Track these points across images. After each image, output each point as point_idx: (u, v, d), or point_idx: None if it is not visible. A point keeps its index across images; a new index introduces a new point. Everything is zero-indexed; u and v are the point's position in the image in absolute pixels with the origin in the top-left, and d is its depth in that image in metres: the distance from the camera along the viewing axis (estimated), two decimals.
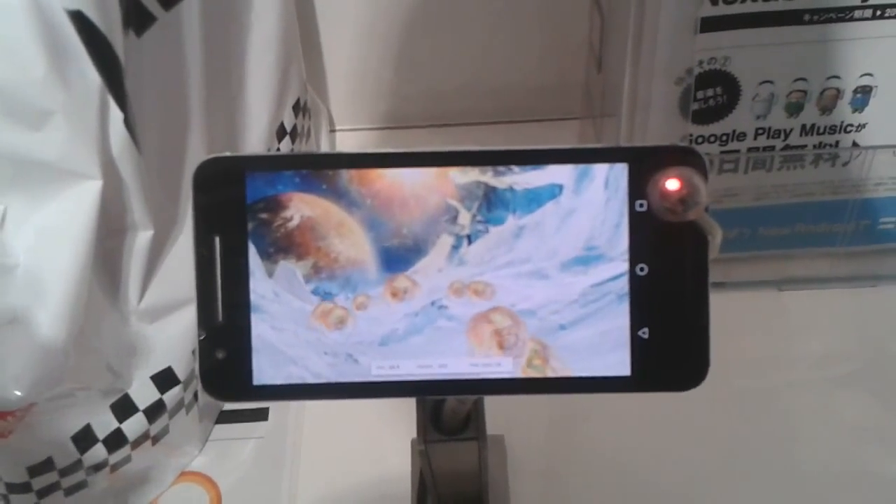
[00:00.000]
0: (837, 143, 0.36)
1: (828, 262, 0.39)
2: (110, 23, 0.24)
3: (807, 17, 0.33)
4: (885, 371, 0.37)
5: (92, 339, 0.26)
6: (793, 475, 0.34)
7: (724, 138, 0.36)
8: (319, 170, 0.20)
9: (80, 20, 0.23)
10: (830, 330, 0.38)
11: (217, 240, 0.20)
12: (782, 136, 0.36)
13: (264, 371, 0.21)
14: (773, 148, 0.37)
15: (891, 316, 0.39)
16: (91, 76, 0.24)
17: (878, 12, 0.33)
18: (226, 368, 0.21)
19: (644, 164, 0.20)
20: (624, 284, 0.21)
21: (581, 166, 0.20)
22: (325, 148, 0.46)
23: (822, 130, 0.36)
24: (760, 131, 0.36)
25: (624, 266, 0.20)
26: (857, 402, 0.36)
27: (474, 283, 0.21)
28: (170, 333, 0.29)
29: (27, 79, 0.22)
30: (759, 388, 0.36)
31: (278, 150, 0.38)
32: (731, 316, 0.38)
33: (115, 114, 0.24)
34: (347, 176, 0.20)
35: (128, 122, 0.25)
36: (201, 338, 0.20)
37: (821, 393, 0.36)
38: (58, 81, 0.23)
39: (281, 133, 0.38)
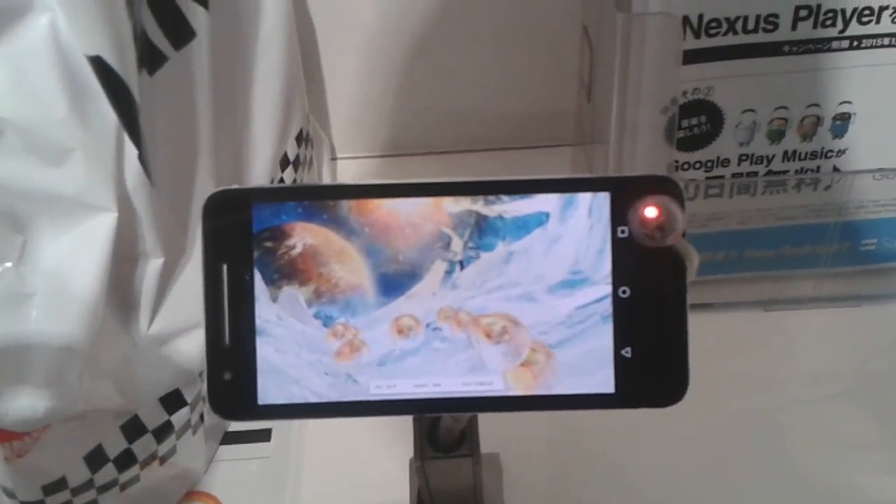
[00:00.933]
0: (819, 168, 0.38)
1: (812, 282, 0.40)
2: (127, 66, 0.25)
3: (786, 48, 0.35)
4: (871, 388, 0.38)
5: (104, 363, 0.27)
6: (785, 491, 0.34)
7: (709, 164, 0.38)
8: (321, 200, 0.22)
9: (99, 65, 0.24)
10: (817, 349, 0.39)
11: (225, 267, 0.22)
12: (765, 161, 0.38)
13: (268, 391, 0.22)
14: (756, 173, 0.38)
15: (875, 334, 0.39)
16: (108, 115, 0.25)
17: (855, 43, 0.34)
18: (232, 389, 0.22)
19: (625, 193, 0.21)
20: (608, 306, 0.22)
21: (566, 195, 0.22)
22: (326, 176, 0.47)
23: (803, 156, 0.37)
24: (744, 157, 0.37)
25: (607, 289, 0.22)
26: (845, 419, 0.36)
27: (463, 311, 0.22)
28: (177, 357, 0.30)
29: (49, 119, 0.24)
30: (748, 406, 0.37)
31: (282, 179, 0.39)
32: (719, 336, 0.39)
33: (130, 150, 0.26)
34: (347, 206, 0.22)
35: (142, 158, 0.26)
36: (209, 360, 0.21)
37: (809, 410, 0.37)
38: (78, 121, 0.24)
39: (284, 163, 0.40)
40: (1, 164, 0.24)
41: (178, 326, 0.30)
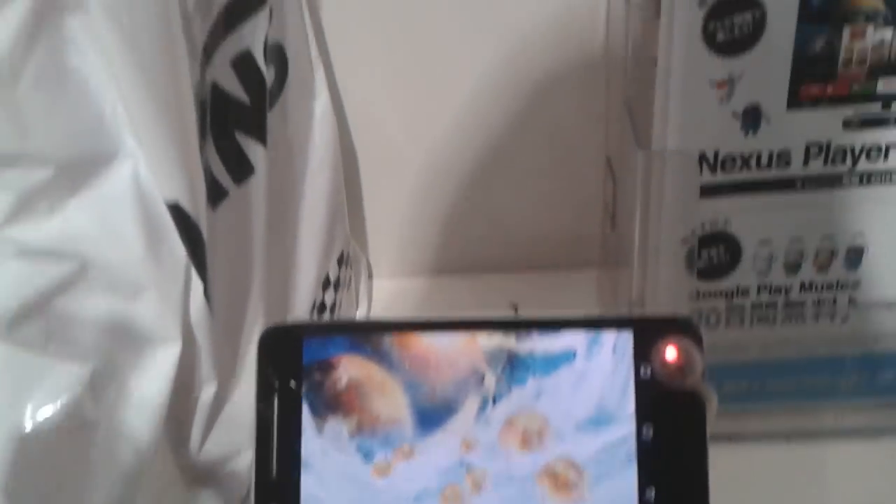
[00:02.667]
0: (835, 299, 0.38)
1: (833, 414, 0.40)
2: (199, 209, 0.27)
3: (799, 184, 0.36)
4: None
5: (156, 485, 0.29)
6: None
7: (730, 294, 0.38)
8: (366, 334, 0.23)
9: (176, 210, 0.26)
10: (840, 482, 0.38)
11: (276, 399, 0.23)
12: (783, 292, 0.38)
13: None
14: (775, 304, 0.38)
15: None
16: (179, 254, 0.27)
17: (866, 179, 0.36)
18: None
19: (647, 332, 0.23)
20: (632, 445, 0.23)
21: (592, 333, 0.23)
22: (363, 294, 0.49)
23: (820, 287, 0.38)
24: (763, 288, 0.38)
25: (631, 427, 0.23)
26: None
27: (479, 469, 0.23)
28: (223, 479, 0.31)
29: (128, 259, 0.26)
30: None
31: (323, 300, 0.41)
32: (741, 468, 0.37)
33: (197, 285, 0.28)
34: (389, 340, 0.23)
35: (206, 292, 0.28)
36: (257, 493, 0.22)
37: None
38: (153, 260, 0.26)
39: (326, 284, 0.42)
40: (84, 300, 0.26)
41: (226, 450, 0.31)
